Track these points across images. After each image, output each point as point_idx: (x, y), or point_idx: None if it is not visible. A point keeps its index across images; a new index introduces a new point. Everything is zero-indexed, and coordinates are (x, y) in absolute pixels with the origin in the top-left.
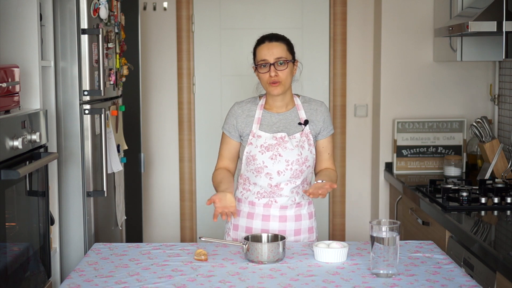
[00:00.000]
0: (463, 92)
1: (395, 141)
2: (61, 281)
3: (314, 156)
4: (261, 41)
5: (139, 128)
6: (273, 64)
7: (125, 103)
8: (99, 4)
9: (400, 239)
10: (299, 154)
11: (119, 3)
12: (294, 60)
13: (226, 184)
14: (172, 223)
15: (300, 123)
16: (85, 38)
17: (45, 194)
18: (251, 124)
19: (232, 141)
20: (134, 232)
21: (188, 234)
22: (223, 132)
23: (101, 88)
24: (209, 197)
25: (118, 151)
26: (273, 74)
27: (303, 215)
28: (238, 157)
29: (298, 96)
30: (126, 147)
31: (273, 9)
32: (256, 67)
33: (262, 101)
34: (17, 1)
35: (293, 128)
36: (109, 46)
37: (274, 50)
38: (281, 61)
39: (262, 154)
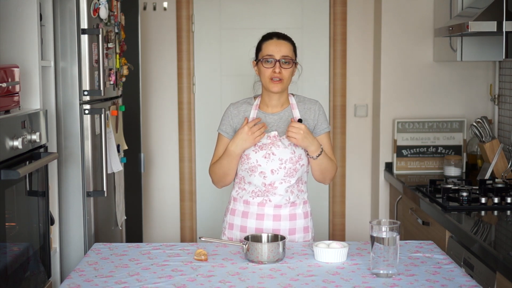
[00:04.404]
0: (463, 92)
1: (395, 141)
2: (61, 281)
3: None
4: (269, 37)
5: (139, 128)
6: (279, 61)
7: (125, 103)
8: (99, 4)
9: (400, 239)
10: (292, 152)
11: (119, 3)
12: (296, 62)
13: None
14: (172, 223)
15: None
16: (85, 38)
17: (45, 194)
18: None
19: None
20: (134, 232)
21: (188, 234)
22: (219, 134)
23: (101, 88)
24: (209, 197)
25: (118, 151)
26: (277, 70)
27: (298, 214)
28: None
29: (293, 95)
30: (126, 147)
31: (273, 9)
32: (258, 62)
33: (257, 101)
34: (17, 1)
35: (287, 127)
36: (109, 46)
37: (282, 48)
38: (287, 60)
39: (256, 153)
